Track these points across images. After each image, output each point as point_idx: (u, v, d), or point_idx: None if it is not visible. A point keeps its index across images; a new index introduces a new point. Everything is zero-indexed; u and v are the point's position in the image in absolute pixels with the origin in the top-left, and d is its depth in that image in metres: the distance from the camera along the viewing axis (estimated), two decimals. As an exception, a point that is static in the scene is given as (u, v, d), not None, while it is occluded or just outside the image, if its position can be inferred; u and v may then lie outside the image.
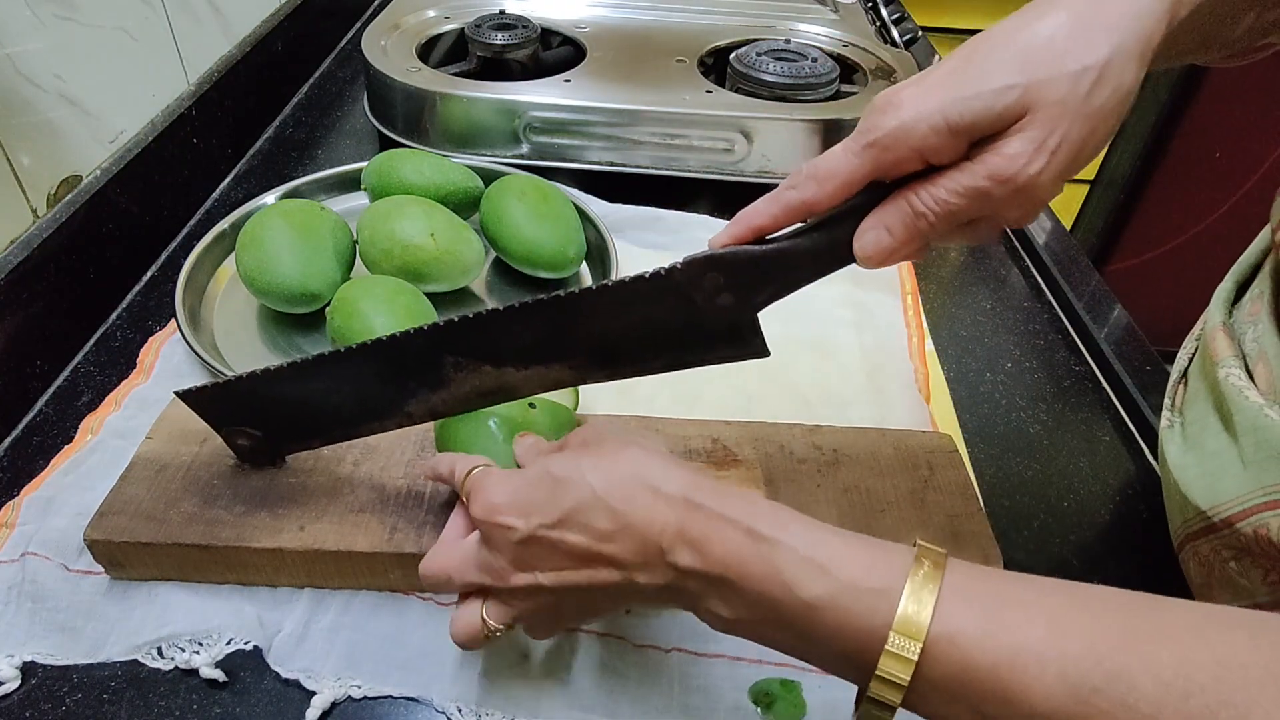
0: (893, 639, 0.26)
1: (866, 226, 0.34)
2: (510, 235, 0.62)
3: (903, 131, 0.31)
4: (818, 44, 0.91)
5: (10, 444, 0.53)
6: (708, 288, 0.36)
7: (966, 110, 0.30)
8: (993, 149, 0.31)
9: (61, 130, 0.59)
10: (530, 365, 0.40)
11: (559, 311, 0.38)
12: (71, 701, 0.40)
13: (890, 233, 0.33)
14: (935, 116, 0.31)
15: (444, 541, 0.39)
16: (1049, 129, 0.30)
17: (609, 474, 0.33)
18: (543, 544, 0.33)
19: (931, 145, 0.31)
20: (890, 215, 0.33)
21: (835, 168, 0.33)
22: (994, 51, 0.31)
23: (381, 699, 0.41)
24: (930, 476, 0.48)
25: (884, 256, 0.34)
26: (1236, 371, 0.40)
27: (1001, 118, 0.30)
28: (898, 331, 0.64)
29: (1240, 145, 1.67)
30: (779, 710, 0.41)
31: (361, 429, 0.44)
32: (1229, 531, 0.39)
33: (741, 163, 0.77)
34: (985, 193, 0.31)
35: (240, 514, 0.44)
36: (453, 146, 0.78)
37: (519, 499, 0.34)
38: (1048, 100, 0.30)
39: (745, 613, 0.30)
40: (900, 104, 0.32)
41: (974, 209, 0.32)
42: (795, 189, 0.34)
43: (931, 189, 0.32)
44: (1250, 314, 0.42)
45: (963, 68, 0.31)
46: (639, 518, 0.32)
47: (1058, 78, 0.30)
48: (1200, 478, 0.41)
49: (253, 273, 0.57)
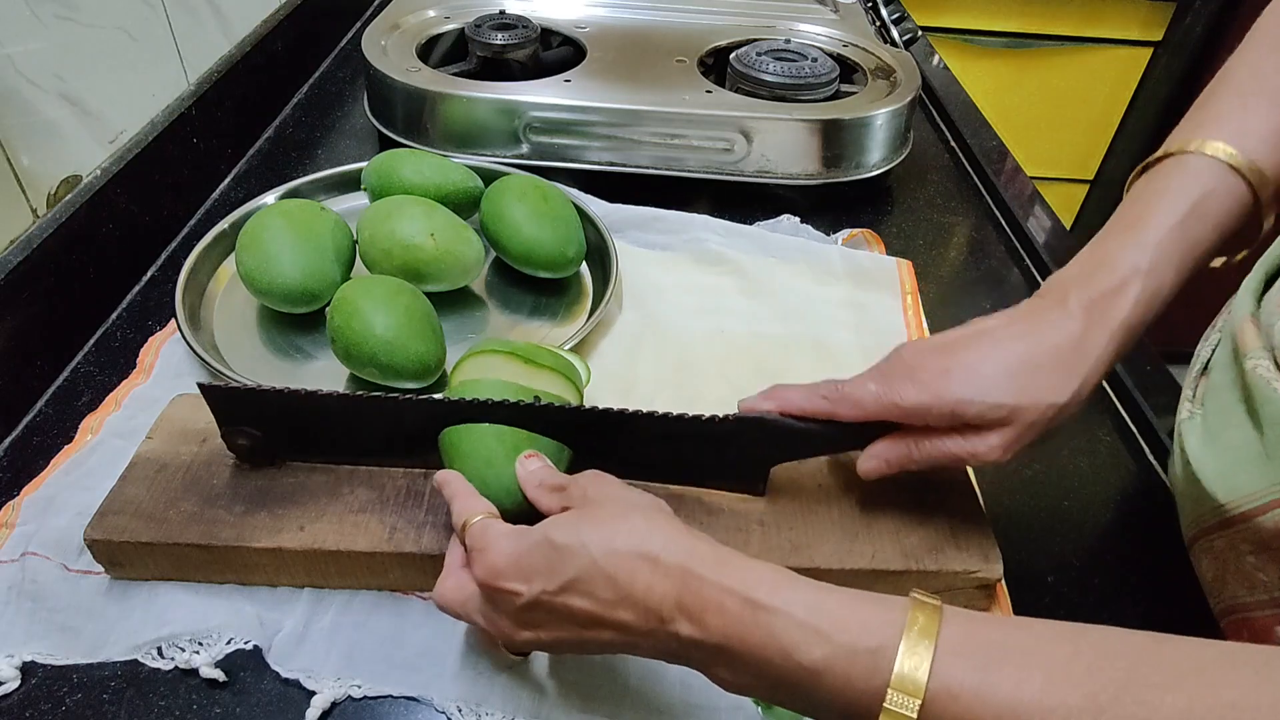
0: (891, 696, 0.27)
1: (872, 453, 0.42)
2: (510, 235, 0.62)
3: (923, 409, 0.40)
4: (818, 44, 0.91)
5: (10, 444, 0.53)
6: (745, 440, 0.44)
7: (968, 411, 0.39)
8: (980, 436, 0.40)
9: (61, 130, 0.59)
10: None
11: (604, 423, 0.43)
12: (71, 701, 0.40)
13: (888, 464, 0.42)
14: (947, 408, 0.39)
15: (450, 568, 0.39)
16: (1019, 435, 0.39)
17: (610, 543, 0.34)
18: (545, 608, 0.34)
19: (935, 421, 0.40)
20: (892, 452, 0.42)
21: (864, 404, 0.41)
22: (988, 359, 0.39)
23: (381, 699, 0.41)
24: (930, 476, 0.48)
25: (876, 476, 0.43)
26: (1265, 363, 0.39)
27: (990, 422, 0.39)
28: (898, 332, 0.64)
29: (1240, 145, 1.66)
30: (779, 710, 0.41)
31: (367, 461, 0.46)
32: (1248, 526, 0.39)
33: (741, 162, 0.77)
34: (961, 460, 0.40)
35: (240, 514, 0.44)
36: (453, 146, 0.78)
37: (521, 565, 0.35)
38: (1024, 421, 0.39)
39: (748, 678, 0.31)
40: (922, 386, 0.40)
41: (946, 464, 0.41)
42: (829, 402, 0.42)
43: (927, 445, 0.41)
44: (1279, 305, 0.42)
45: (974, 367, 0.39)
46: (639, 590, 0.32)
47: (1035, 407, 0.39)
48: (1220, 470, 0.41)
49: (253, 273, 0.57)
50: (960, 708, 0.26)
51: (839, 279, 0.69)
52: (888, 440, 0.42)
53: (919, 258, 0.73)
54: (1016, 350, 0.40)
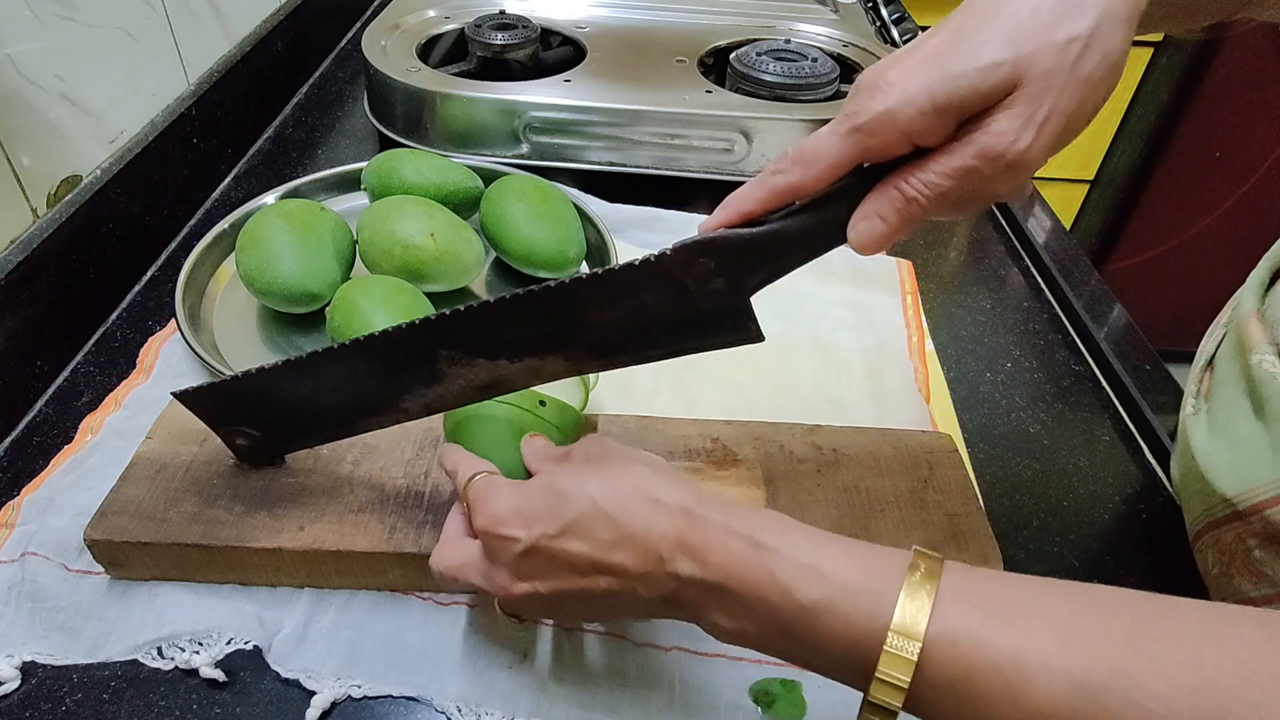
0: (891, 639, 0.26)
1: (860, 216, 0.33)
2: (510, 235, 0.62)
3: (889, 116, 0.31)
4: (818, 44, 0.91)
5: (10, 444, 0.53)
6: (699, 273, 0.36)
7: (955, 91, 0.30)
8: (981, 128, 0.30)
9: (61, 130, 0.59)
10: (524, 357, 0.40)
11: (551, 302, 0.38)
12: (71, 701, 0.40)
13: (883, 219, 0.33)
14: (922, 99, 0.30)
15: (446, 539, 0.39)
16: (1037, 102, 0.29)
17: (611, 486, 0.33)
18: (544, 554, 0.34)
19: (918, 128, 0.31)
20: (882, 203, 0.33)
21: (821, 151, 0.33)
22: (981, 26, 0.30)
23: (381, 699, 0.41)
24: (930, 476, 0.48)
25: (879, 243, 0.33)
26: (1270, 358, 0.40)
27: (990, 95, 0.30)
28: (898, 331, 0.64)
29: (1240, 145, 1.67)
30: (779, 710, 0.41)
31: (358, 426, 0.44)
32: (1256, 519, 0.39)
33: (741, 163, 0.77)
34: (975, 171, 0.31)
35: (240, 514, 0.44)
36: (453, 146, 0.78)
37: (522, 510, 0.35)
38: (1035, 73, 0.29)
39: (746, 622, 0.30)
40: (886, 86, 0.31)
41: (964, 189, 0.32)
42: (782, 173, 0.34)
43: (921, 174, 0.32)
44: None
45: (949, 44, 0.31)
46: (639, 527, 0.32)
47: (1045, 49, 0.29)
48: (1228, 464, 0.41)
49: (253, 273, 0.57)
50: (959, 654, 0.25)
51: (839, 279, 0.69)
52: (872, 191, 0.33)
53: (919, 258, 0.73)
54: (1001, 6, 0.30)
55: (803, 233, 0.35)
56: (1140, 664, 0.23)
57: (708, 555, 0.30)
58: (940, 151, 0.31)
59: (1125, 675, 0.23)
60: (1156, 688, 0.23)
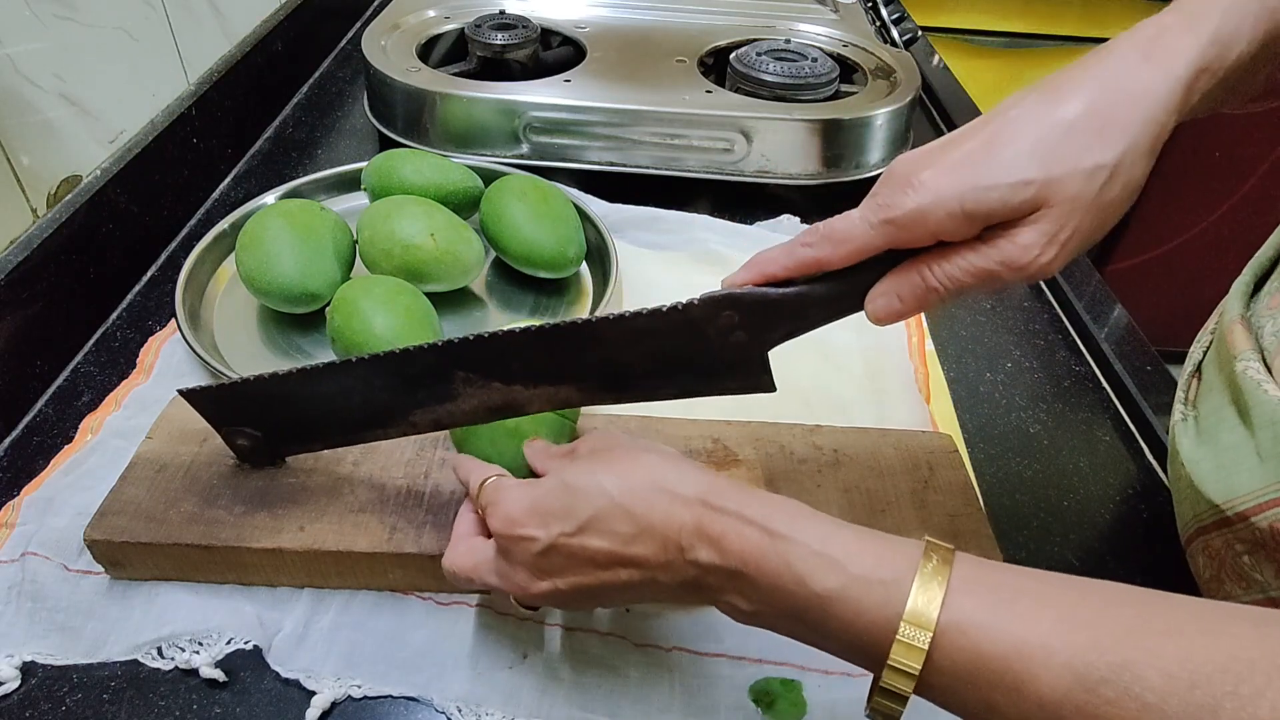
0: (904, 629, 0.27)
1: (879, 292, 0.35)
2: (510, 235, 0.62)
3: (920, 214, 0.32)
4: (818, 44, 0.91)
5: (10, 444, 0.53)
6: (723, 325, 0.38)
7: (984, 200, 0.31)
8: (1007, 237, 0.32)
9: (61, 130, 0.59)
10: (539, 385, 0.41)
11: (574, 338, 0.39)
12: (71, 701, 0.40)
13: (901, 300, 0.35)
14: (953, 204, 0.32)
15: (458, 538, 0.39)
16: (1061, 223, 0.31)
17: (626, 480, 0.34)
18: (563, 552, 0.34)
19: (947, 229, 0.33)
20: (902, 285, 0.35)
21: (851, 235, 0.34)
22: (1014, 140, 0.32)
23: (381, 699, 0.41)
24: (930, 477, 0.48)
25: (893, 320, 0.36)
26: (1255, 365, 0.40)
27: (1017, 210, 0.32)
28: (898, 331, 0.64)
29: (1240, 145, 1.67)
30: (779, 710, 0.41)
31: (364, 436, 0.45)
32: (1243, 526, 0.39)
33: (741, 163, 0.77)
34: (996, 275, 0.33)
35: (240, 514, 0.44)
36: (453, 146, 0.78)
37: (538, 510, 0.35)
38: (1062, 196, 0.31)
39: (762, 605, 0.31)
40: (919, 186, 0.33)
41: (980, 286, 0.34)
42: (811, 248, 0.35)
43: (945, 265, 0.33)
44: (1269, 307, 0.42)
45: (982, 154, 0.32)
46: (658, 519, 0.33)
47: (1073, 175, 0.31)
48: (1214, 471, 0.41)
49: (253, 273, 0.57)
50: (968, 643, 0.26)
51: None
52: (895, 271, 0.35)
53: (919, 258, 0.73)
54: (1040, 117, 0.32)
55: (826, 298, 0.37)
56: (1140, 657, 0.24)
57: (725, 543, 0.31)
58: (966, 250, 0.33)
59: (1125, 668, 0.24)
60: (1153, 681, 0.23)
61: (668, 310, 0.37)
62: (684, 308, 0.37)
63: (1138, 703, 0.23)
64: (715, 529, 0.32)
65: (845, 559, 0.29)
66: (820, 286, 0.36)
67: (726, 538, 0.31)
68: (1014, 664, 0.25)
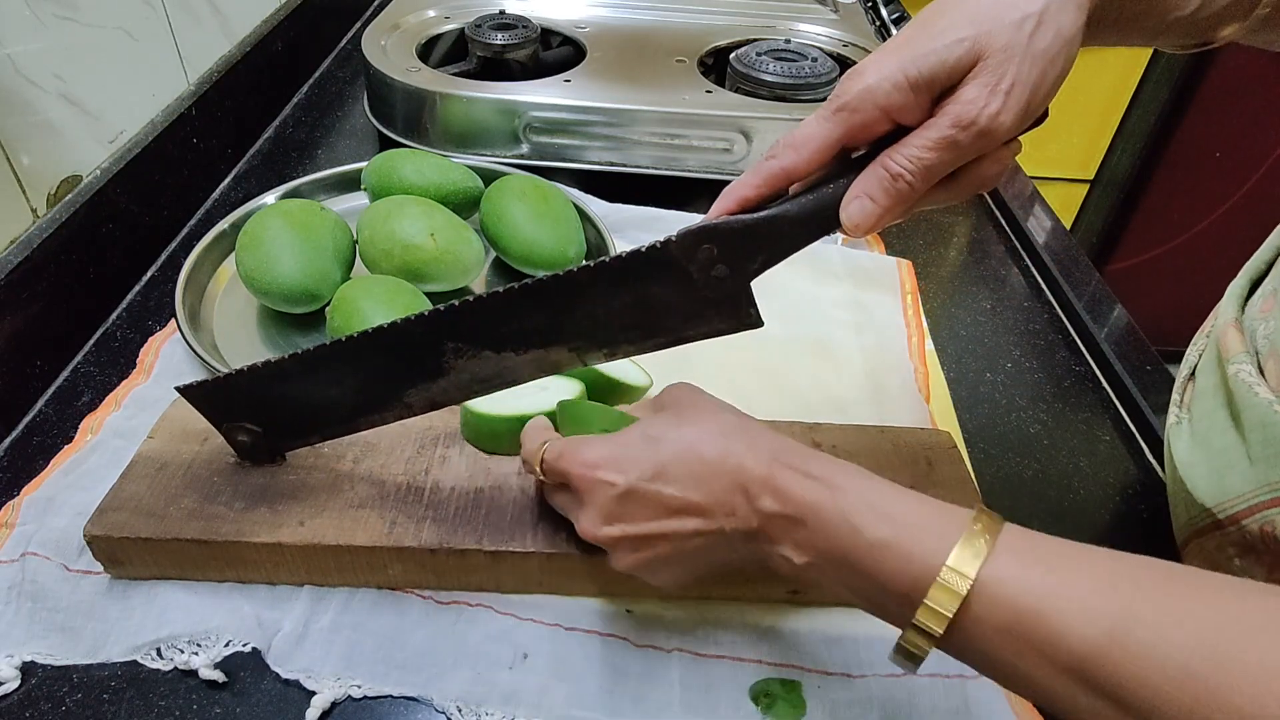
0: (945, 573, 0.29)
1: (850, 197, 0.35)
2: (510, 235, 0.62)
3: (868, 92, 0.34)
4: (818, 44, 0.91)
5: (10, 444, 0.53)
6: (702, 259, 0.37)
7: (924, 65, 0.33)
8: (952, 99, 0.33)
9: (61, 130, 0.59)
10: (529, 349, 0.41)
11: (558, 291, 0.39)
12: (71, 701, 0.40)
13: (873, 199, 0.35)
14: (896, 74, 0.33)
15: None
16: (1000, 73, 0.33)
17: (706, 429, 0.36)
18: (639, 496, 0.36)
19: (896, 103, 0.34)
20: (870, 182, 0.35)
21: (810, 134, 0.35)
22: (945, 13, 0.34)
23: (381, 699, 0.41)
24: (930, 471, 0.48)
25: (870, 223, 0.35)
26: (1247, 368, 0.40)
27: (955, 69, 0.33)
28: (898, 331, 0.64)
29: (1240, 145, 1.67)
30: (779, 710, 0.41)
31: (361, 422, 0.45)
32: (1234, 529, 0.39)
33: (741, 163, 0.77)
34: (953, 141, 0.33)
35: (240, 510, 0.44)
36: (453, 146, 0.78)
37: (617, 455, 0.37)
38: (994, 47, 0.32)
39: (815, 555, 0.33)
40: (864, 70, 0.34)
41: (947, 161, 0.34)
42: (775, 158, 0.36)
43: (903, 149, 0.34)
44: (1262, 311, 0.42)
45: (917, 31, 0.34)
46: (731, 465, 0.35)
47: (1002, 26, 0.32)
48: (1207, 475, 0.41)
49: (253, 273, 0.57)
50: (1007, 594, 0.28)
51: (839, 279, 0.69)
52: (861, 175, 0.35)
53: (919, 258, 0.73)
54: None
55: (800, 216, 0.36)
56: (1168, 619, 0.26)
57: (790, 493, 0.33)
58: (921, 129, 0.34)
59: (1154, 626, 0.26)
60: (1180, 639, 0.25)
61: (646, 250, 0.37)
62: (661, 245, 0.37)
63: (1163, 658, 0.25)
64: (783, 480, 0.34)
65: (899, 513, 0.32)
66: (793, 204, 0.36)
67: (792, 489, 0.33)
68: (1051, 618, 0.27)
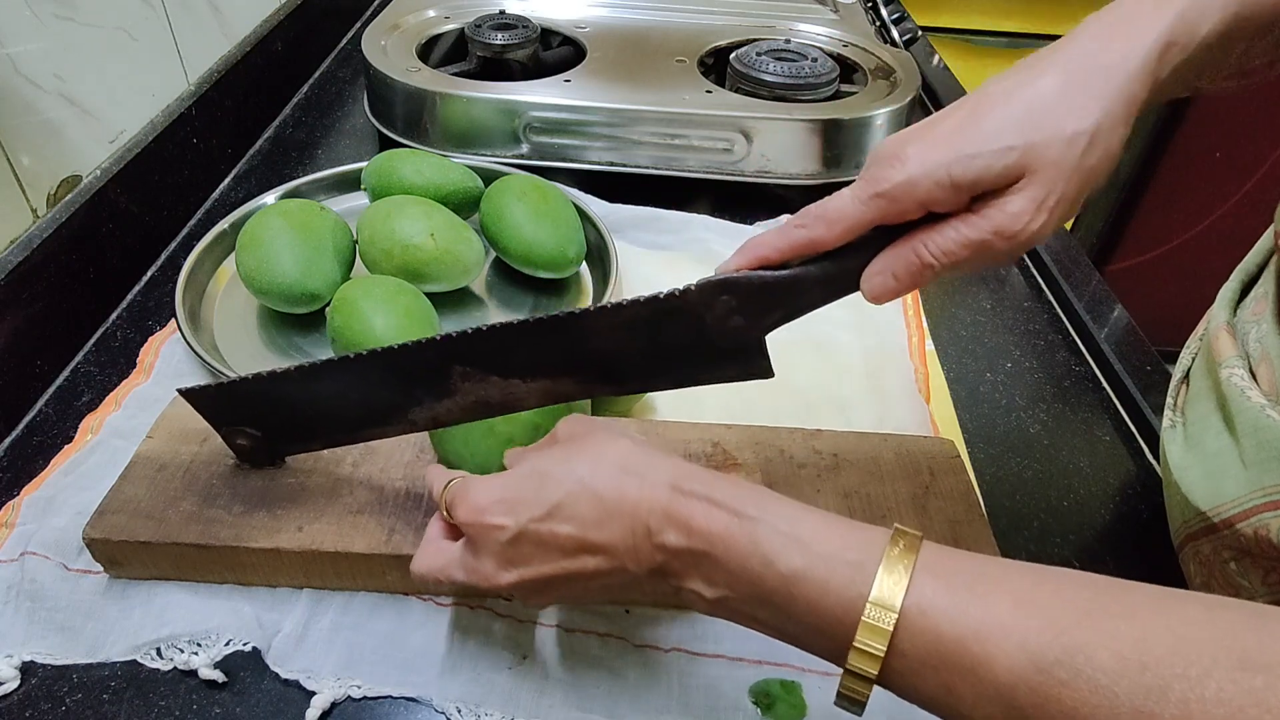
0: (869, 610, 0.27)
1: (874, 271, 0.35)
2: (510, 235, 0.62)
3: (909, 185, 0.33)
4: (818, 44, 0.91)
5: (10, 444, 0.53)
6: (719, 310, 0.38)
7: (970, 168, 0.32)
8: (996, 205, 0.33)
9: (61, 130, 0.59)
10: (537, 378, 0.41)
11: (572, 327, 0.39)
12: (71, 701, 0.40)
13: (896, 278, 0.35)
14: (940, 173, 0.33)
15: (428, 541, 0.39)
16: (1047, 188, 0.32)
17: (597, 464, 0.34)
18: (532, 539, 0.34)
19: (935, 199, 0.33)
20: (897, 262, 0.35)
21: (843, 212, 0.35)
22: (994, 110, 0.33)
23: (381, 699, 0.41)
24: (932, 482, 0.48)
25: (889, 297, 0.36)
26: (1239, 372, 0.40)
27: (1002, 176, 0.33)
28: (898, 332, 0.64)
29: (1240, 145, 1.67)
30: (779, 710, 0.41)
31: (363, 434, 0.45)
32: (1229, 532, 0.39)
33: (741, 163, 0.77)
34: (989, 245, 0.33)
35: (239, 514, 0.44)
36: (453, 146, 0.78)
37: (506, 497, 0.35)
38: (1045, 161, 0.32)
39: (727, 589, 0.31)
40: (906, 159, 0.33)
41: (977, 260, 0.34)
42: (804, 228, 0.36)
43: (938, 239, 0.34)
44: (1254, 314, 0.42)
45: (966, 125, 0.33)
46: (627, 502, 0.33)
47: (1053, 140, 0.32)
48: (1201, 478, 0.41)
49: (253, 273, 0.57)
50: (929, 624, 0.27)
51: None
52: (889, 249, 0.35)
53: (919, 258, 0.73)
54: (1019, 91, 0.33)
55: (822, 279, 0.37)
56: (1093, 639, 0.24)
57: (693, 524, 0.31)
58: (958, 222, 0.34)
59: (1078, 650, 0.24)
60: (1105, 662, 0.23)
61: (664, 297, 0.37)
62: (680, 294, 0.37)
63: (1090, 684, 0.23)
64: (684, 511, 0.32)
65: (812, 540, 0.29)
66: (815, 267, 0.36)
67: (695, 519, 0.31)
68: (972, 646, 0.26)
